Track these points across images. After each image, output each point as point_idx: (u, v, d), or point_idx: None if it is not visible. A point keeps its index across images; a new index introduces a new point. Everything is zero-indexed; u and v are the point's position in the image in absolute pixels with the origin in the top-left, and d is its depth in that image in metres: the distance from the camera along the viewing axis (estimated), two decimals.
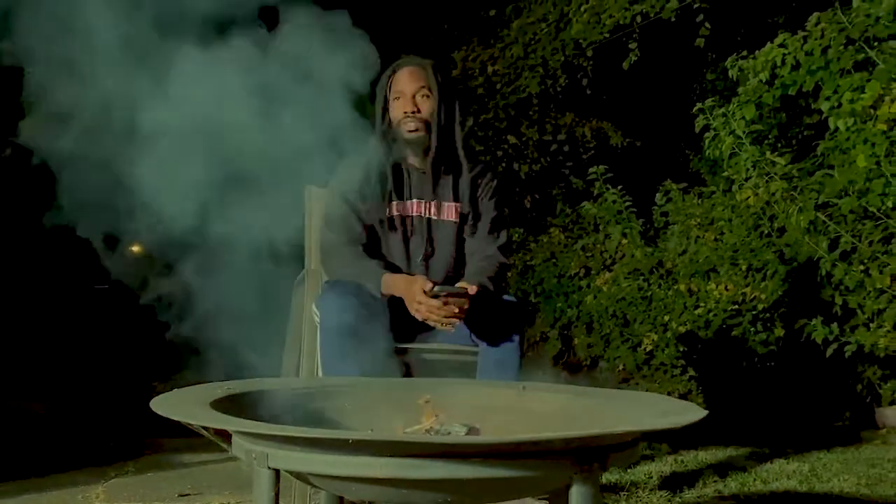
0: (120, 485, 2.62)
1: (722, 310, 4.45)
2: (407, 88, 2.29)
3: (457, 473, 1.07)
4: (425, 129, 2.28)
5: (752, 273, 4.48)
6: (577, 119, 6.27)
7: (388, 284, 2.18)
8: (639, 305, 4.86)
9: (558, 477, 1.14)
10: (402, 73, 2.32)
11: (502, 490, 1.18)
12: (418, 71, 2.32)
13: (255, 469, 1.19)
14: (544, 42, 5.88)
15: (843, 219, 3.82)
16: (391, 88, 2.31)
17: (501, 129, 6.07)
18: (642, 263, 4.93)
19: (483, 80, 6.00)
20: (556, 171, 6.29)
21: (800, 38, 3.84)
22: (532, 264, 5.82)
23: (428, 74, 2.31)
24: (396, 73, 2.32)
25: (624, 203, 5.16)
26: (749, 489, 2.68)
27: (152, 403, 1.27)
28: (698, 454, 3.26)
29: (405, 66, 2.33)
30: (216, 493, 2.50)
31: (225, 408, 1.32)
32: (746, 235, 4.56)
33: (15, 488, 2.51)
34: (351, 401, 1.60)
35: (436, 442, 1.10)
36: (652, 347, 4.70)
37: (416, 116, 2.27)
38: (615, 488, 2.63)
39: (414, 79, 2.30)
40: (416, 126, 2.27)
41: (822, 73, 3.75)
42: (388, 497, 1.16)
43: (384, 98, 2.32)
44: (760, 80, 3.97)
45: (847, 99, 3.60)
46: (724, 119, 4.02)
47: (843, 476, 2.86)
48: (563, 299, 5.47)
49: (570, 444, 1.07)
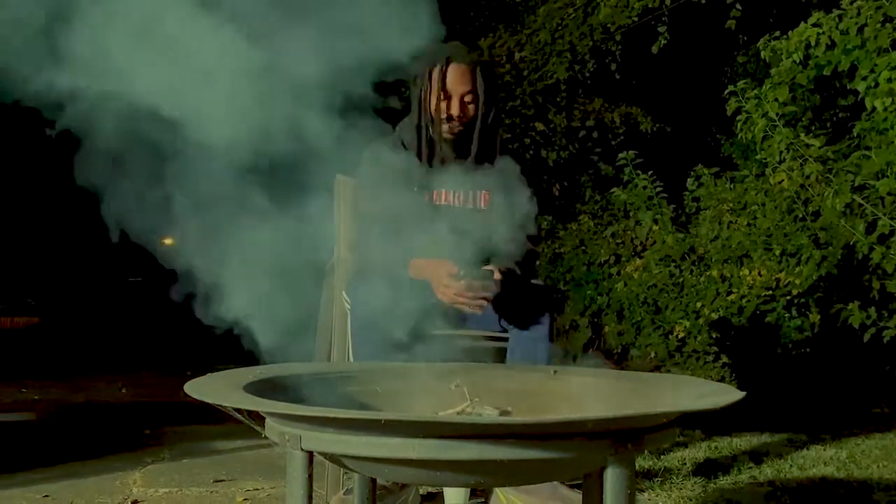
0: (156, 471, 2.66)
1: (755, 296, 4.38)
2: (456, 90, 2.23)
3: (490, 455, 1.06)
4: (466, 130, 2.26)
5: (785, 258, 4.40)
6: (605, 105, 6.20)
7: (416, 268, 2.18)
8: (670, 292, 4.81)
9: (593, 459, 1.12)
10: (453, 71, 2.24)
11: (536, 472, 1.17)
12: (468, 72, 2.25)
13: (289, 451, 1.19)
14: (572, 27, 5.81)
15: (880, 201, 3.73)
16: (440, 84, 2.23)
17: (529, 116, 6.02)
18: (674, 250, 4.87)
19: (510, 67, 5.95)
20: (585, 157, 6.23)
21: (835, 16, 3.75)
22: (561, 252, 5.78)
23: (476, 76, 2.26)
24: (447, 68, 2.25)
25: (655, 188, 5.10)
26: (785, 475, 2.64)
27: (186, 387, 1.27)
28: (732, 441, 3.22)
29: (456, 63, 2.25)
30: (249, 479, 2.53)
31: (257, 391, 1.32)
32: (780, 220, 4.47)
33: (56, 474, 2.56)
34: (383, 385, 1.60)
35: (469, 423, 1.10)
36: (684, 335, 4.64)
37: (460, 121, 2.25)
38: (649, 474, 2.61)
39: (464, 80, 2.24)
40: (457, 129, 2.25)
41: (858, 53, 3.66)
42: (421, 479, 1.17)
43: (428, 87, 2.25)
44: (794, 61, 3.89)
45: (885, 78, 3.51)
46: (756, 101, 3.95)
47: (883, 462, 2.81)
48: (593, 287, 5.42)
49: (605, 426, 1.06)
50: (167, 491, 2.40)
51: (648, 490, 2.43)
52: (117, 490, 2.40)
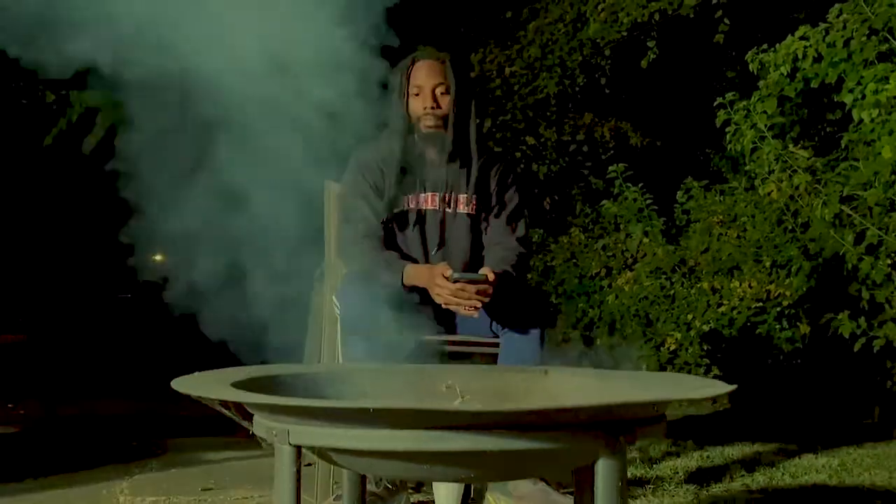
0: (144, 480, 2.63)
1: (746, 307, 4.39)
2: (426, 83, 2.28)
3: (480, 445, 1.05)
4: (443, 124, 2.28)
5: (776, 269, 4.41)
6: (595, 119, 6.24)
7: (410, 275, 2.18)
8: (661, 304, 4.81)
9: (584, 451, 1.11)
10: (420, 67, 2.31)
11: (527, 465, 1.16)
12: (437, 66, 2.31)
13: (277, 447, 1.17)
14: (562, 42, 5.86)
15: (868, 211, 3.75)
16: (409, 82, 2.30)
17: (519, 130, 6.05)
18: (664, 262, 4.88)
19: (500, 82, 5.98)
20: (576, 171, 6.26)
21: (821, 30, 3.79)
22: (552, 265, 5.78)
23: (446, 69, 2.31)
24: (415, 66, 2.31)
25: (645, 201, 5.12)
26: (777, 483, 2.63)
27: (173, 383, 1.26)
28: (724, 450, 3.21)
29: (423, 59, 2.32)
30: (238, 488, 2.50)
31: (246, 388, 1.31)
32: (770, 231, 4.49)
33: (41, 485, 2.53)
34: (372, 386, 1.59)
35: (459, 411, 1.08)
36: (675, 347, 4.64)
37: (434, 112, 2.27)
38: (640, 482, 2.59)
39: (433, 74, 2.29)
40: (435, 122, 2.27)
41: (844, 65, 3.70)
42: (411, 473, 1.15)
43: (400, 91, 2.30)
44: (782, 74, 3.93)
45: (871, 90, 3.55)
46: (745, 113, 3.98)
47: (874, 471, 2.80)
48: (585, 300, 5.42)
49: (597, 414, 1.05)
50: (154, 500, 2.37)
51: (640, 497, 2.41)
52: (104, 499, 2.37)
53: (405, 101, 2.29)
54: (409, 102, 2.30)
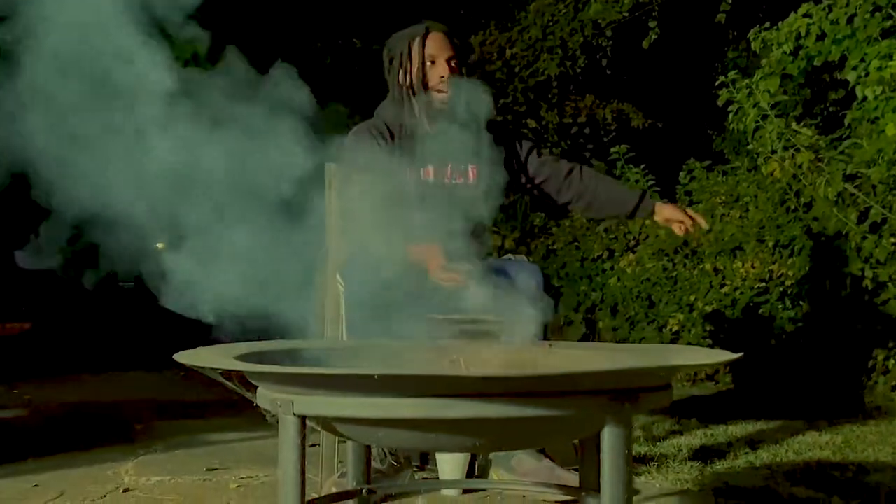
0: (148, 461, 2.63)
1: (749, 288, 4.39)
2: (440, 54, 2.26)
3: (486, 412, 1.04)
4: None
5: (778, 249, 4.41)
6: (597, 101, 6.22)
7: (412, 255, 2.16)
8: (664, 286, 4.81)
9: (590, 418, 1.11)
10: (434, 37, 2.28)
11: (533, 433, 1.16)
12: (447, 39, 2.30)
13: (281, 417, 1.17)
14: (562, 23, 5.82)
15: (872, 189, 3.74)
16: (423, 52, 2.26)
17: (521, 112, 6.03)
18: (666, 243, 4.87)
19: (501, 64, 5.96)
20: (577, 153, 6.24)
21: (824, 6, 3.77)
22: (554, 248, 5.77)
23: (454, 42, 2.31)
24: (428, 36, 2.29)
25: (647, 182, 5.10)
26: (781, 460, 2.63)
27: (176, 356, 1.25)
28: (728, 428, 3.21)
29: (435, 30, 2.30)
30: (243, 468, 2.50)
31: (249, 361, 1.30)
32: (773, 211, 4.48)
33: (45, 465, 2.53)
34: (377, 360, 1.58)
35: (464, 377, 1.08)
36: (678, 328, 4.65)
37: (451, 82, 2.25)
38: (644, 459, 2.59)
39: (446, 46, 2.28)
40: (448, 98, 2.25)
41: (848, 42, 3.68)
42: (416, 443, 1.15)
43: (409, 60, 2.27)
44: (784, 52, 3.91)
45: (875, 67, 3.53)
46: (748, 92, 3.95)
47: (878, 447, 2.80)
48: (587, 282, 5.42)
49: (603, 380, 1.04)
50: (159, 479, 2.37)
51: (645, 473, 2.41)
52: (108, 479, 2.37)
53: (417, 70, 2.27)
54: (425, 71, 2.27)
